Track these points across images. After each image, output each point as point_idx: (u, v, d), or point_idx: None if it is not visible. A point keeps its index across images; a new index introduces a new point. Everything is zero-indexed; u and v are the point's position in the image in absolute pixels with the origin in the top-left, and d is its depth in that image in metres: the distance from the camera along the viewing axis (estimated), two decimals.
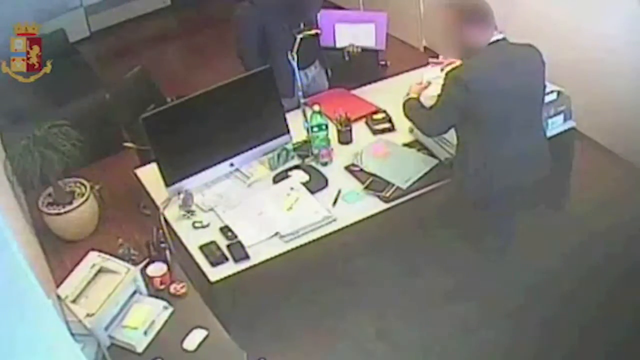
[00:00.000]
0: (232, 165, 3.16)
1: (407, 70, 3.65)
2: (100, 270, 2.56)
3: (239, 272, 2.72)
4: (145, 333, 2.48)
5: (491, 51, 2.65)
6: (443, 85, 2.71)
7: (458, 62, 2.77)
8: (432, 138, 3.08)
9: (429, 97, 2.94)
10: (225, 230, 2.88)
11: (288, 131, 3.24)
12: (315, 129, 3.12)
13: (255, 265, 2.75)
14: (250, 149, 3.18)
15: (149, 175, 3.16)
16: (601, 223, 3.49)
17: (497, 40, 2.66)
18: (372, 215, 2.91)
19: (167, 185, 3.02)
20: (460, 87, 2.61)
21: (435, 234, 3.01)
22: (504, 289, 3.13)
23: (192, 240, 2.86)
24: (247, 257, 2.76)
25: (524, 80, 2.68)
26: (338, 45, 3.81)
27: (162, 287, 2.67)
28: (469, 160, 2.78)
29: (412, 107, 2.97)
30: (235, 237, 2.84)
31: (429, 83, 3.08)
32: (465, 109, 2.65)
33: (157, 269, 2.68)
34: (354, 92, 3.68)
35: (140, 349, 2.45)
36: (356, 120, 3.37)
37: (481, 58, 2.65)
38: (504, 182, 2.78)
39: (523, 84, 2.68)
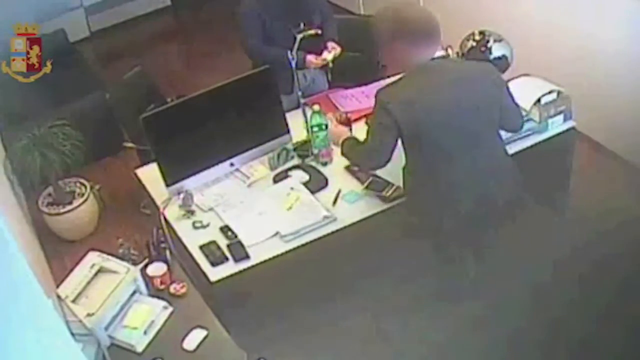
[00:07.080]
0: (232, 165, 3.16)
1: None
2: (100, 270, 2.56)
3: (239, 272, 2.73)
4: (145, 333, 2.48)
5: (427, 69, 2.53)
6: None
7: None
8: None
9: None
10: (225, 230, 2.88)
11: (288, 131, 3.24)
12: (315, 129, 3.12)
13: (255, 265, 2.75)
14: (250, 148, 3.18)
15: (149, 175, 3.16)
16: (602, 223, 3.49)
17: (439, 58, 2.54)
18: (372, 215, 2.91)
19: (167, 185, 3.02)
20: (381, 108, 2.53)
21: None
22: (505, 289, 3.12)
23: (192, 240, 2.86)
24: (247, 257, 2.76)
25: (467, 97, 2.54)
26: None
27: (162, 287, 2.67)
28: (420, 185, 2.70)
29: (348, 146, 2.88)
30: (235, 237, 2.84)
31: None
32: (396, 129, 2.53)
33: (157, 269, 2.69)
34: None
35: (140, 348, 2.45)
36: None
37: (412, 76, 2.53)
38: (465, 203, 2.66)
39: (467, 101, 2.54)
